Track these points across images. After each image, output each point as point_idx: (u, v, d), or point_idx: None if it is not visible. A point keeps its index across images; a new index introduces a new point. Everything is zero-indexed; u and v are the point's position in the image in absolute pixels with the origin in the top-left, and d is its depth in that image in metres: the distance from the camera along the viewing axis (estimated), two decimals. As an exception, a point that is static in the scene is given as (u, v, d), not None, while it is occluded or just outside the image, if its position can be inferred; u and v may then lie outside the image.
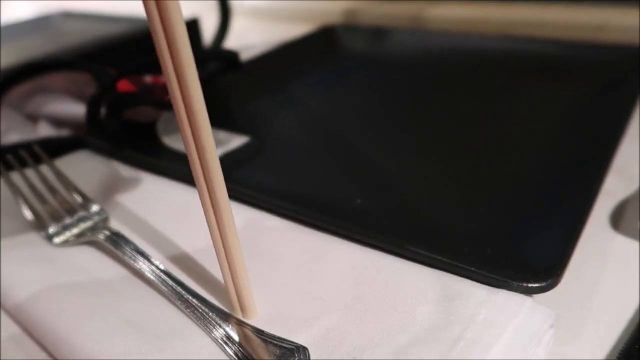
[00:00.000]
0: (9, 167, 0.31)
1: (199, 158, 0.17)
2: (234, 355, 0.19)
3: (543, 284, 0.19)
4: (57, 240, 0.27)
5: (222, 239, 0.19)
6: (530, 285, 0.19)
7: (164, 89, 0.39)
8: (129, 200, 0.31)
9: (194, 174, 0.18)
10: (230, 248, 0.19)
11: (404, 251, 0.22)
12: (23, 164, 0.32)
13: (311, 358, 0.19)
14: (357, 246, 0.24)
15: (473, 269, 0.20)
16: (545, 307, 0.19)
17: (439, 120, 0.36)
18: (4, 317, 0.24)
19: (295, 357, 0.19)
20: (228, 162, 0.33)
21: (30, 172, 0.31)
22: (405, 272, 0.21)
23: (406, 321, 0.19)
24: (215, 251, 0.20)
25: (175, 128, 0.37)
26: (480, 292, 0.19)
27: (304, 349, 0.19)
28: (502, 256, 0.21)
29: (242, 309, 0.21)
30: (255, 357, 0.19)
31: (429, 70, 0.45)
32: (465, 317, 0.18)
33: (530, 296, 0.19)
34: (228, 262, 0.20)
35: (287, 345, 0.19)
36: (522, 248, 0.21)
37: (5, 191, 0.32)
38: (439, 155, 0.31)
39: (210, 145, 0.17)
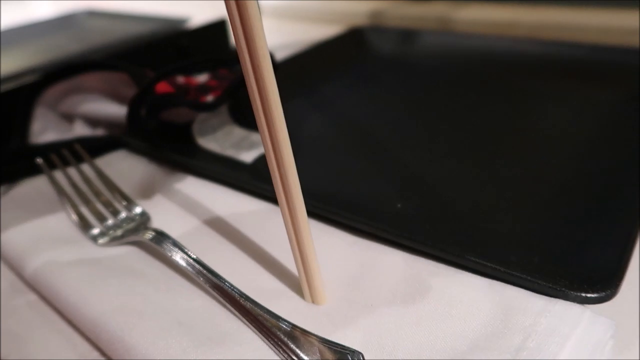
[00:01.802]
0: (52, 166, 0.32)
1: (272, 147, 0.20)
2: (289, 358, 0.19)
3: (602, 295, 0.19)
4: (101, 241, 0.28)
5: (292, 222, 0.21)
6: (588, 295, 0.19)
7: (198, 90, 0.39)
8: (168, 200, 0.31)
9: (268, 160, 0.20)
10: (301, 231, 0.21)
11: (456, 258, 0.22)
12: (65, 163, 0.32)
13: (367, 364, 0.19)
14: (402, 252, 0.24)
15: (529, 278, 0.20)
16: (604, 317, 0.19)
17: (473, 123, 0.36)
18: (54, 316, 0.25)
19: (351, 362, 0.19)
20: (263, 163, 0.33)
21: (72, 172, 0.32)
22: (456, 280, 0.21)
23: (463, 328, 0.19)
24: (287, 233, 0.21)
25: (210, 129, 0.37)
26: (538, 301, 0.19)
27: (359, 354, 0.19)
28: (552, 265, 0.21)
29: (313, 295, 0.22)
30: (311, 361, 0.19)
31: (458, 72, 0.45)
32: (524, 326, 0.18)
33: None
34: (299, 246, 0.21)
35: (342, 350, 0.19)
36: (574, 256, 0.21)
37: (48, 188, 0.32)
38: (476, 159, 0.31)
39: (283, 132, 0.19)
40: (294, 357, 0.19)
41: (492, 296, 0.20)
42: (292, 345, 0.20)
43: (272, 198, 0.29)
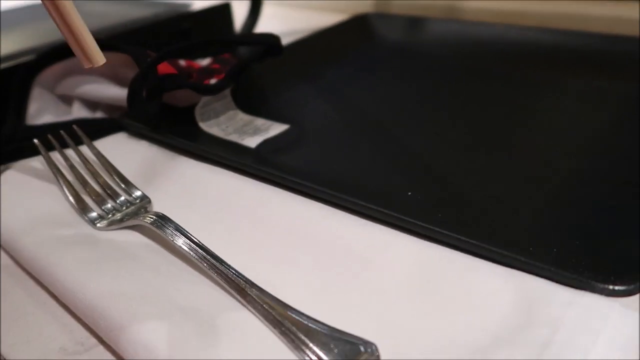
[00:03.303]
0: (49, 148, 0.31)
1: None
2: (297, 350, 0.18)
3: (630, 287, 0.18)
4: (100, 224, 0.27)
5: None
6: (616, 288, 0.18)
7: (201, 73, 0.38)
8: (169, 183, 0.30)
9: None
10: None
11: (474, 247, 0.21)
12: (63, 145, 0.31)
13: (380, 355, 0.18)
14: (415, 239, 0.23)
15: (552, 268, 0.19)
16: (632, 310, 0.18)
17: (482, 112, 0.35)
18: (50, 300, 0.23)
19: (364, 353, 0.18)
20: (268, 149, 0.32)
21: (70, 154, 0.31)
22: (474, 269, 0.20)
23: (484, 319, 0.18)
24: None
25: (213, 113, 0.36)
26: (563, 293, 0.18)
27: (372, 344, 0.18)
28: (573, 255, 0.20)
29: (87, 56, 0.22)
30: (322, 352, 0.18)
31: (466, 61, 0.44)
32: (551, 318, 0.17)
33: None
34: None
35: (354, 341, 0.18)
36: (596, 247, 0.20)
37: (45, 170, 0.31)
38: (487, 147, 0.30)
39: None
40: (302, 347, 0.18)
41: (513, 286, 0.19)
42: (300, 335, 0.19)
43: (277, 182, 0.28)
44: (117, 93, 0.37)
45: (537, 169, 0.27)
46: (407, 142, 0.32)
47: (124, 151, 0.34)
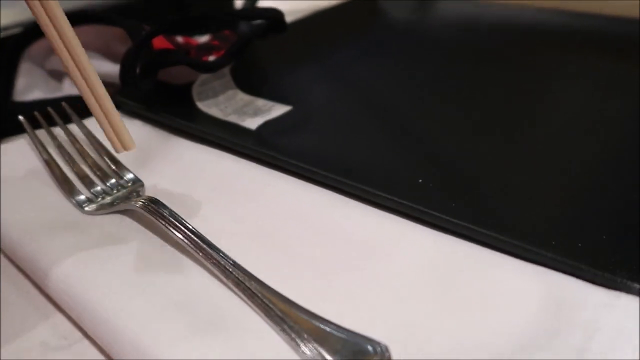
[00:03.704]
0: (36, 126, 0.29)
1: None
2: (299, 350, 0.17)
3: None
4: (88, 208, 0.25)
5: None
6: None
7: (199, 50, 0.36)
8: (164, 166, 0.28)
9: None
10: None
11: (494, 240, 0.19)
12: (50, 123, 0.29)
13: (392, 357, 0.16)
14: (430, 230, 0.21)
15: (584, 267, 0.17)
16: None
17: (495, 97, 0.33)
18: (34, 291, 0.22)
19: (373, 355, 0.16)
20: (269, 131, 0.30)
21: (58, 132, 0.29)
22: (494, 264, 0.18)
23: (507, 321, 0.16)
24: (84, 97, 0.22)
25: (211, 92, 0.34)
26: (595, 292, 0.16)
27: (382, 345, 0.16)
28: (604, 253, 0.18)
29: (122, 142, 0.23)
30: (327, 352, 0.16)
31: (477, 43, 0.42)
32: (585, 322, 0.16)
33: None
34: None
35: (362, 341, 0.17)
36: (625, 244, 0.19)
37: (30, 149, 0.29)
38: (501, 133, 0.28)
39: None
40: (306, 347, 0.17)
41: (539, 284, 0.17)
42: (304, 334, 0.17)
43: (279, 166, 0.27)
44: (110, 69, 0.35)
45: (557, 156, 0.25)
46: (416, 126, 0.30)
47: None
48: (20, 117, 0.28)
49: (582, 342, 0.15)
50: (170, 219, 0.22)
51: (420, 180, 0.25)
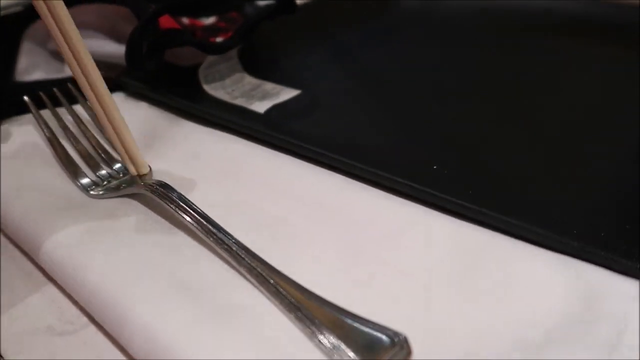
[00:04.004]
0: (40, 106, 0.28)
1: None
2: (314, 339, 0.16)
3: None
4: (94, 192, 0.24)
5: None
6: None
7: (205, 31, 0.35)
8: (170, 148, 0.28)
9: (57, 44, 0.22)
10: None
11: (517, 229, 0.18)
12: (55, 104, 0.28)
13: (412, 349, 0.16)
14: (448, 217, 0.20)
15: (611, 256, 0.16)
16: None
17: (511, 82, 0.32)
18: (37, 273, 0.21)
19: (392, 346, 0.16)
20: (278, 115, 0.30)
21: (62, 113, 0.28)
22: (518, 253, 0.18)
23: (533, 312, 0.16)
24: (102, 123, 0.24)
25: (218, 75, 0.33)
26: (624, 283, 0.16)
27: (402, 335, 0.16)
28: (624, 242, 0.18)
29: (135, 166, 0.24)
30: (342, 342, 0.16)
31: (494, 27, 0.41)
32: (617, 316, 0.15)
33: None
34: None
35: (380, 331, 0.16)
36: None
37: (34, 130, 0.29)
38: (518, 119, 0.27)
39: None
40: (321, 337, 0.16)
41: (565, 275, 0.16)
42: (319, 323, 0.17)
43: (289, 149, 0.26)
44: (115, 49, 0.34)
45: (580, 143, 0.25)
46: (429, 112, 0.30)
47: (121, 112, 0.31)
48: (25, 98, 0.28)
49: (615, 335, 0.14)
50: (180, 202, 0.21)
51: (434, 167, 0.24)
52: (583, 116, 0.27)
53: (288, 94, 0.32)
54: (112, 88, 0.33)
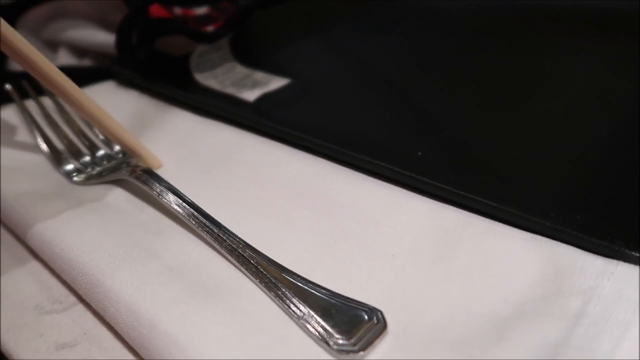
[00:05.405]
0: (24, 96, 0.28)
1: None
2: (293, 315, 0.17)
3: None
4: (77, 178, 0.24)
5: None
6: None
7: (198, 21, 0.35)
8: (160, 136, 0.28)
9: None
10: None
11: (492, 210, 0.19)
12: (39, 92, 0.29)
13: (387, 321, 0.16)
14: (429, 200, 0.21)
15: (582, 235, 0.17)
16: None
17: (498, 70, 0.32)
18: (26, 254, 0.22)
19: (368, 321, 0.16)
20: (267, 103, 0.30)
21: (47, 102, 0.28)
22: (493, 232, 0.18)
23: (505, 289, 0.16)
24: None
25: (209, 64, 0.34)
26: (594, 261, 0.16)
27: (378, 311, 0.16)
28: (601, 222, 0.18)
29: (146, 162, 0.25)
30: (319, 318, 0.16)
31: (484, 17, 0.41)
32: (582, 289, 0.15)
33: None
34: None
35: (357, 307, 0.17)
36: (623, 213, 0.18)
37: (19, 119, 0.29)
38: (503, 106, 0.28)
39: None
40: (299, 313, 0.17)
41: (538, 253, 0.17)
42: (296, 300, 0.17)
43: (277, 136, 0.26)
44: (106, 39, 0.35)
45: (556, 127, 0.25)
46: (417, 99, 0.30)
47: (111, 101, 0.31)
48: (8, 86, 0.28)
49: (581, 307, 0.15)
50: (163, 188, 0.22)
51: (419, 153, 0.24)
52: (560, 100, 0.28)
53: (278, 82, 0.32)
54: (103, 76, 0.34)
